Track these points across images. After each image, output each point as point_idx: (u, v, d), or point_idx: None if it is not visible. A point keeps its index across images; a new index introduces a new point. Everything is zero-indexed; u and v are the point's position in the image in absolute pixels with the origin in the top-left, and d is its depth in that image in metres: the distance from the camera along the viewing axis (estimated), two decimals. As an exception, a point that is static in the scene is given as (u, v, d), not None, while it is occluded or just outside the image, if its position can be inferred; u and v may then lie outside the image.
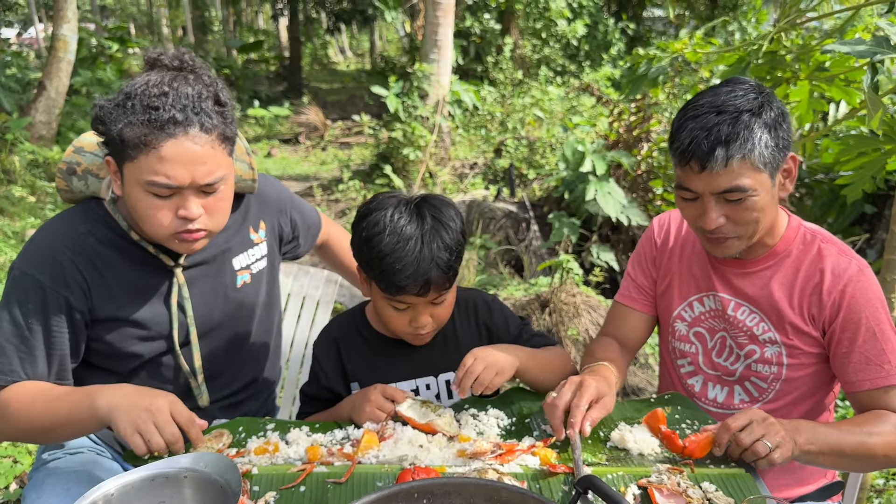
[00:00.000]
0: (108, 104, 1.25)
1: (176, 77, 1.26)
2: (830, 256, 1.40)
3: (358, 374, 1.54)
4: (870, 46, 1.71)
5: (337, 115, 12.86)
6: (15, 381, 1.33)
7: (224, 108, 1.29)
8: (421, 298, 1.36)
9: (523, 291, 4.23)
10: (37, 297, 1.33)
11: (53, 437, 1.34)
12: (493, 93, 10.07)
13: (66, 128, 8.06)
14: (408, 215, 1.33)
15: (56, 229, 1.39)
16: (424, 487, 1.03)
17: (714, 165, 1.27)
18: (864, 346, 1.36)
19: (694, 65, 3.14)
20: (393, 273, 1.30)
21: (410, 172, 7.71)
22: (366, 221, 1.35)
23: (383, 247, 1.31)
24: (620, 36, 12.52)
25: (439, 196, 1.41)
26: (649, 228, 1.67)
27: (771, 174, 1.32)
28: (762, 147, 1.28)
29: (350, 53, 26.93)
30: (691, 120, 1.30)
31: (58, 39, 7.51)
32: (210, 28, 18.64)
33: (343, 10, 16.94)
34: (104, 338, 1.41)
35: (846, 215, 3.34)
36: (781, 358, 1.44)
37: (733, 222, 1.33)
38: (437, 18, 7.77)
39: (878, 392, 1.36)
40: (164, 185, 1.24)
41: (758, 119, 1.28)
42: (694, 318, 1.55)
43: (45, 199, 6.40)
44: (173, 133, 1.22)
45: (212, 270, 1.51)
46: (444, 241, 1.33)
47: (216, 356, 1.54)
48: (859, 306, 1.36)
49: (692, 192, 1.34)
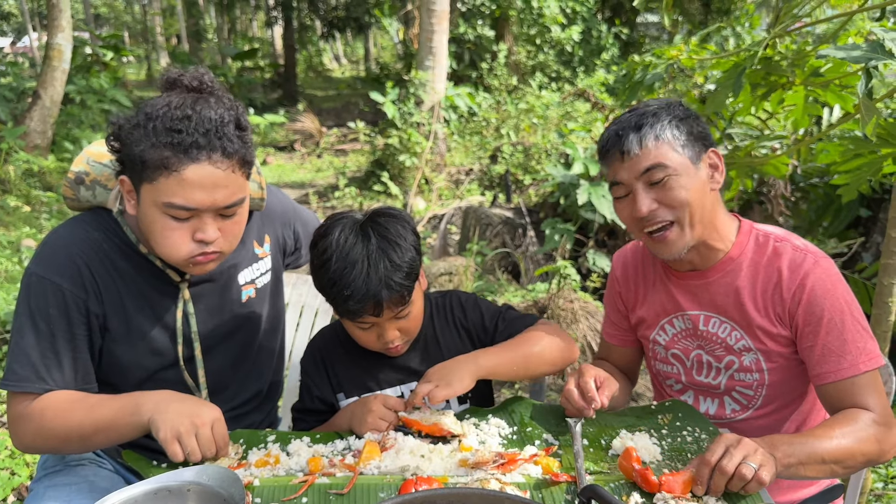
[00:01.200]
0: (126, 123, 1.25)
1: (198, 100, 1.25)
2: (786, 254, 1.41)
3: (343, 384, 1.54)
4: (865, 52, 1.72)
5: (332, 123, 12.88)
6: (46, 388, 1.31)
7: (244, 133, 1.29)
8: (379, 318, 1.37)
9: (521, 297, 4.23)
10: (57, 301, 1.32)
11: (92, 443, 1.31)
12: (487, 99, 10.09)
13: (61, 137, 8.04)
14: (354, 237, 1.34)
15: (71, 233, 1.38)
16: (427, 498, 1.03)
17: (631, 147, 1.37)
18: (826, 338, 1.36)
19: (688, 71, 3.15)
20: (343, 300, 1.32)
21: (406, 179, 7.72)
22: (316, 248, 1.38)
23: (332, 274, 1.33)
24: (614, 41, 12.57)
25: (389, 210, 1.41)
26: (612, 265, 1.71)
27: (692, 160, 1.38)
28: (673, 130, 1.38)
29: (345, 60, 26.99)
30: (611, 125, 1.44)
31: (52, 48, 7.51)
32: (205, 36, 18.66)
33: (337, 18, 16.99)
34: (112, 349, 1.41)
35: (841, 219, 3.35)
36: (760, 364, 1.45)
37: (664, 205, 1.37)
38: (432, 25, 7.80)
39: (844, 384, 1.35)
40: (183, 208, 1.23)
41: (664, 112, 1.40)
42: (668, 340, 1.57)
43: (41, 209, 6.37)
44: (196, 158, 1.21)
45: (218, 287, 1.50)
46: (391, 261, 1.33)
47: (221, 370, 1.53)
48: (819, 298, 1.37)
49: (621, 185, 1.40)
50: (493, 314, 1.57)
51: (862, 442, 1.29)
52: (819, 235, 3.48)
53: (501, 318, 1.56)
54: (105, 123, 8.86)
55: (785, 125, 4.27)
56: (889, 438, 1.32)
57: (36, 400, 1.31)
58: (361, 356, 1.53)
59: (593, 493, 1.06)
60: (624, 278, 1.65)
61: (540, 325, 1.53)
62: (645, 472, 1.17)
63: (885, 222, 3.26)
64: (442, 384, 1.34)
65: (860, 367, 1.35)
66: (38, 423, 1.29)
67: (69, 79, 8.06)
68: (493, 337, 1.54)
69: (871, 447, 1.30)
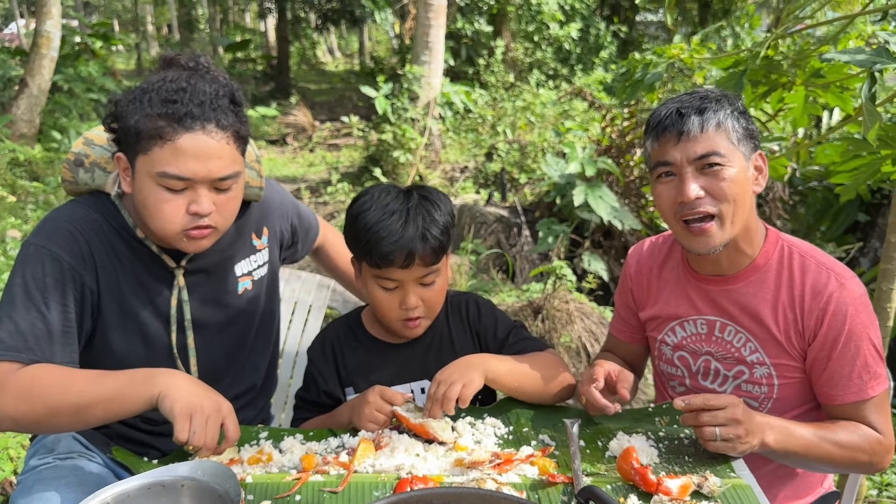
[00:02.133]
0: (123, 99, 1.27)
1: (193, 75, 1.27)
2: (810, 271, 1.38)
3: (353, 378, 1.52)
4: (869, 56, 1.71)
5: (325, 117, 12.80)
6: (33, 359, 1.26)
7: (239, 108, 1.30)
8: (407, 272, 1.36)
9: (515, 297, 4.22)
10: (54, 270, 1.29)
11: (86, 416, 1.23)
12: (484, 95, 10.07)
13: (49, 126, 7.94)
14: (395, 193, 1.39)
15: (72, 211, 1.37)
16: (423, 497, 1.01)
17: (691, 128, 1.32)
18: (837, 362, 1.36)
19: (687, 70, 3.14)
20: (377, 241, 1.34)
21: (400, 175, 7.68)
22: (355, 204, 1.41)
23: (368, 219, 1.35)
24: (612, 39, 12.58)
25: (431, 187, 1.46)
26: (627, 262, 1.68)
27: (745, 156, 1.35)
28: (734, 122, 1.34)
29: (339, 54, 26.88)
30: (668, 103, 1.39)
31: (41, 36, 7.41)
32: (196, 26, 18.50)
33: (332, 10, 16.89)
34: (106, 335, 1.38)
35: (839, 223, 3.36)
36: (772, 379, 1.44)
37: (711, 195, 1.33)
38: (429, 20, 7.75)
39: (849, 406, 1.37)
40: (177, 177, 1.23)
41: (726, 101, 1.36)
42: (676, 342, 1.54)
43: (27, 199, 6.28)
44: (190, 126, 1.22)
45: (214, 277, 1.49)
46: (430, 216, 1.37)
47: (214, 362, 1.51)
48: (839, 323, 1.35)
49: (669, 166, 1.36)
50: (508, 326, 1.57)
51: (856, 451, 1.33)
52: (817, 239, 3.49)
53: (514, 332, 1.56)
54: (94, 112, 8.77)
55: (784, 127, 4.28)
56: (881, 459, 1.36)
57: (24, 368, 1.25)
58: (375, 350, 1.52)
59: (591, 493, 1.05)
60: (637, 275, 1.62)
61: (549, 354, 1.53)
62: (644, 471, 1.17)
63: (884, 227, 3.27)
64: (466, 381, 1.33)
65: (868, 392, 1.35)
66: (26, 390, 1.22)
67: (57, 67, 7.96)
68: (502, 348, 1.54)
69: (863, 458, 1.34)
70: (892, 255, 1.96)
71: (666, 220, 1.43)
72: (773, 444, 1.26)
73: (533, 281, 4.59)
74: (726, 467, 1.24)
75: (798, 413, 1.47)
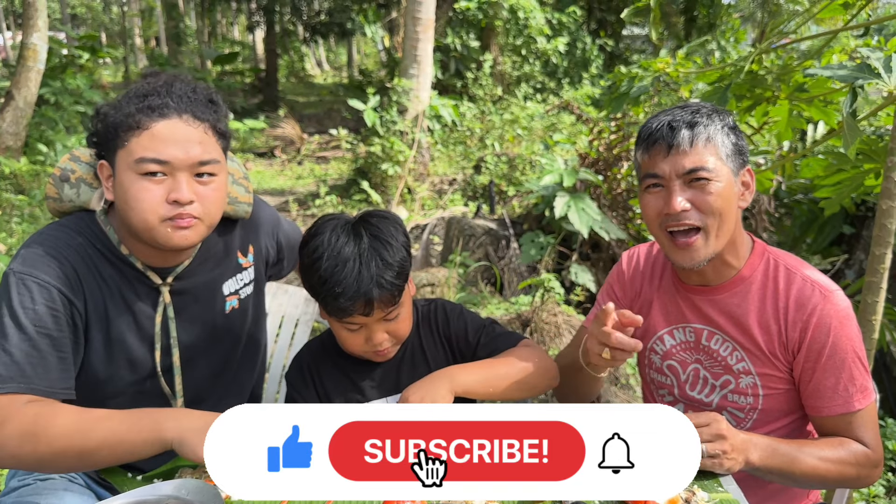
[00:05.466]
0: (103, 107, 1.29)
1: (171, 77, 1.30)
2: (795, 284, 1.39)
3: (331, 397, 1.51)
4: (851, 71, 1.73)
5: (314, 129, 12.80)
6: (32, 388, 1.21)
7: (217, 107, 1.32)
8: (369, 318, 1.35)
9: (504, 310, 4.21)
10: (45, 298, 1.25)
11: (92, 460, 1.20)
12: (472, 108, 10.11)
13: (34, 138, 7.86)
14: (345, 236, 1.33)
15: (55, 235, 1.33)
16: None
17: (681, 143, 1.33)
18: (822, 374, 1.36)
19: (672, 84, 3.17)
20: (335, 297, 1.30)
21: (389, 188, 7.68)
22: (307, 248, 1.36)
23: (322, 272, 1.31)
24: (599, 53, 12.70)
25: (380, 212, 1.41)
26: (619, 261, 1.67)
27: (732, 172, 1.36)
28: (724, 137, 1.35)
29: (327, 66, 26.94)
30: (659, 115, 1.40)
31: (27, 48, 7.35)
32: (184, 39, 18.49)
33: (321, 24, 16.94)
34: (90, 362, 1.34)
35: (825, 235, 3.39)
36: (757, 389, 1.44)
37: (697, 208, 1.34)
38: (417, 34, 7.79)
39: (836, 419, 1.36)
40: (154, 160, 1.22)
41: (717, 116, 1.37)
42: (665, 351, 1.54)
43: (12, 213, 6.21)
44: (167, 115, 1.24)
45: (201, 298, 1.46)
46: (383, 259, 1.32)
47: (199, 382, 1.49)
48: (822, 335, 1.35)
49: (657, 178, 1.36)
50: (478, 327, 1.53)
51: (843, 465, 1.32)
52: (802, 252, 3.52)
53: (485, 332, 1.52)
54: (80, 125, 8.70)
55: (770, 140, 4.32)
56: (869, 472, 1.35)
57: (26, 403, 1.20)
58: (350, 368, 1.50)
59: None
60: (633, 276, 1.61)
61: (523, 346, 1.49)
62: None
63: (869, 240, 3.30)
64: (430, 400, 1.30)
65: (854, 405, 1.35)
66: (30, 429, 1.17)
67: (44, 79, 7.90)
68: (475, 351, 1.50)
69: (851, 473, 1.33)
70: (876, 267, 1.97)
71: (651, 231, 1.43)
72: (757, 462, 1.26)
73: (521, 293, 4.59)
74: (714, 482, 1.24)
75: (782, 425, 1.47)
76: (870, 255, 2.00)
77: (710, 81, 2.47)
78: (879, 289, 1.99)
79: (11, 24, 13.26)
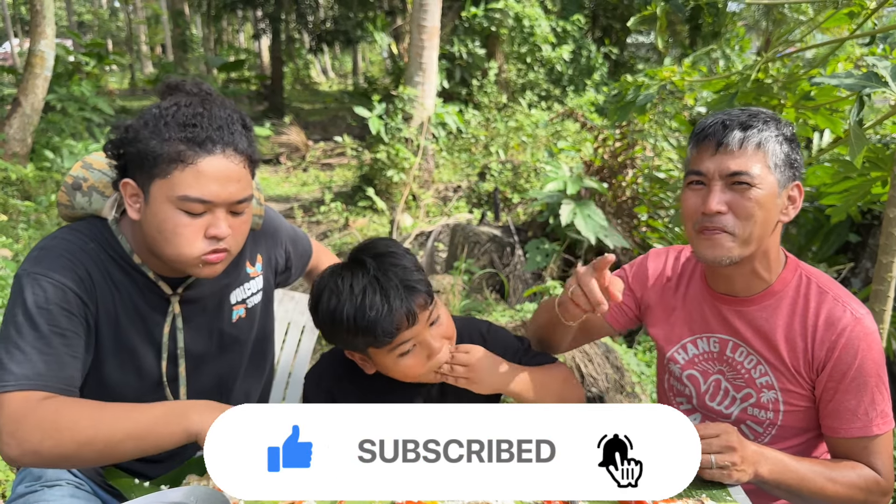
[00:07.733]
0: (134, 124, 1.25)
1: (205, 100, 1.28)
2: (826, 303, 1.37)
3: None
4: (859, 80, 1.73)
5: (319, 136, 12.84)
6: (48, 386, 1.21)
7: (250, 132, 1.31)
8: (416, 327, 1.30)
9: (509, 317, 4.20)
10: (59, 297, 1.25)
11: (116, 452, 1.18)
12: (477, 116, 10.14)
13: (41, 145, 7.91)
14: (350, 274, 1.29)
15: (68, 238, 1.33)
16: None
17: (731, 143, 1.30)
18: (843, 396, 1.35)
19: (677, 93, 3.18)
20: (374, 324, 1.25)
21: (393, 195, 7.69)
22: (321, 304, 1.31)
23: (347, 312, 1.26)
24: (603, 61, 12.72)
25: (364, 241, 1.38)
26: (645, 256, 1.64)
27: (779, 183, 1.32)
28: (776, 146, 1.31)
29: (332, 74, 27.04)
30: (718, 113, 1.37)
31: (35, 55, 7.41)
32: (190, 46, 18.59)
33: (326, 31, 17.02)
34: (99, 368, 1.34)
35: (830, 244, 3.38)
36: (778, 405, 1.42)
37: (733, 213, 1.31)
38: (422, 41, 7.82)
39: (852, 441, 1.35)
40: (199, 200, 1.22)
41: (774, 124, 1.33)
42: (687, 360, 1.53)
43: (18, 219, 6.24)
44: (211, 150, 1.22)
45: (209, 307, 1.46)
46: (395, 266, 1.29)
47: (204, 391, 1.49)
48: (849, 357, 1.34)
49: (701, 176, 1.34)
50: (515, 349, 1.51)
51: (853, 489, 1.31)
52: (808, 260, 3.50)
53: (523, 352, 1.52)
54: (86, 132, 8.75)
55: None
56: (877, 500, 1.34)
57: (46, 400, 1.19)
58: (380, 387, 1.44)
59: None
60: (657, 275, 1.58)
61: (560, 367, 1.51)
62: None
63: (875, 248, 3.29)
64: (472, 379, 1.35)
65: (873, 429, 1.34)
66: (52, 423, 1.16)
67: (51, 86, 7.95)
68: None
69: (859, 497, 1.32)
70: (883, 276, 1.97)
71: (685, 226, 1.41)
72: (766, 475, 1.25)
73: (527, 301, 4.58)
74: (723, 492, 1.23)
75: (798, 442, 1.46)
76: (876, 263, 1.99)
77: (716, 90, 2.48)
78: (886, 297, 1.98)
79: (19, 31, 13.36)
